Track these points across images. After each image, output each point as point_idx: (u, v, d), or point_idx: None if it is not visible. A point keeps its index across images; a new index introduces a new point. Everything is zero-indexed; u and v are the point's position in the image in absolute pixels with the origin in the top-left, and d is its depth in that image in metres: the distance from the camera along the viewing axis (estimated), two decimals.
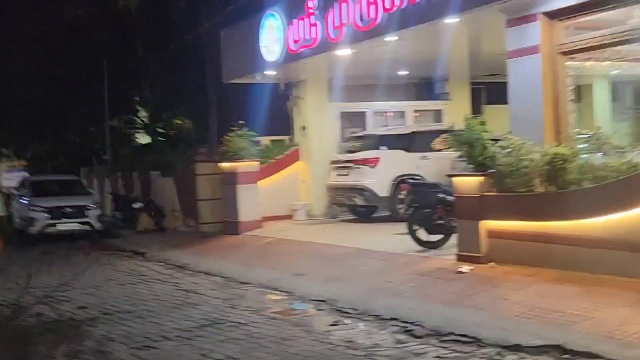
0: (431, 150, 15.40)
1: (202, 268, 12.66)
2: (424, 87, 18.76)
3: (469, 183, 9.55)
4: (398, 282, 9.43)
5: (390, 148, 15.15)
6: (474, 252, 9.43)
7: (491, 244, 9.33)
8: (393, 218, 15.10)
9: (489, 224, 9.33)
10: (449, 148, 15.52)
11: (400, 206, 14.85)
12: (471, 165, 9.59)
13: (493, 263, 9.20)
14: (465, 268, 9.22)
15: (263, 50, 15.08)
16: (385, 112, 17.77)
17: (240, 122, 16.30)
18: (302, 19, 13.54)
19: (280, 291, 10.07)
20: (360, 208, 16.04)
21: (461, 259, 9.64)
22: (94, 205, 20.44)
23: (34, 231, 19.67)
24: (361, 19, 11.95)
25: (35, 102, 28.70)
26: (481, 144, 9.41)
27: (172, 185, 20.88)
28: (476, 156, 9.42)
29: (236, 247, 14.70)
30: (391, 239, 12.65)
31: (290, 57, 14.33)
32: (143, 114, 33.21)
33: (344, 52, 13.36)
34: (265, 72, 15.83)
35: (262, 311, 8.96)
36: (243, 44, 16.29)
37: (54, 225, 19.68)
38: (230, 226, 16.20)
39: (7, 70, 27.16)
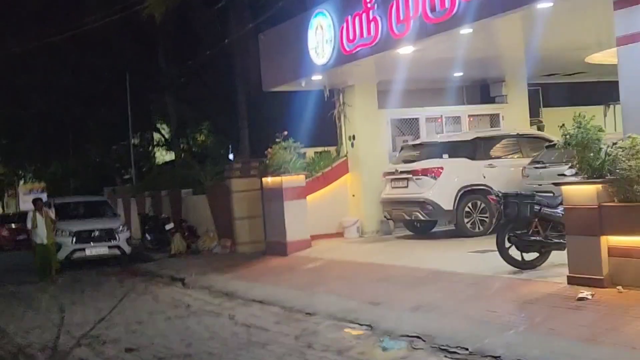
0: (497, 157, 13.96)
1: (254, 296, 11.22)
2: (479, 89, 17.33)
3: (583, 192, 8.07)
4: (504, 312, 7.94)
5: (452, 156, 13.70)
6: (592, 273, 7.95)
7: (614, 264, 7.84)
8: (456, 233, 13.66)
9: (611, 240, 7.85)
10: (514, 154, 14.37)
11: (467, 220, 13.43)
12: (584, 171, 8.10)
13: (620, 287, 7.70)
14: (586, 293, 7.71)
15: (312, 53, 13.68)
16: (439, 117, 16.31)
17: (284, 132, 14.91)
18: (359, 15, 12.12)
19: (358, 324, 8.60)
20: (419, 223, 14.59)
21: (574, 281, 8.16)
22: (123, 228, 19.12)
23: (60, 257, 18.30)
24: (433, 10, 10.52)
25: (54, 116, 27.52)
26: (597, 146, 7.94)
27: (205, 203, 19.51)
28: (591, 160, 7.95)
29: (287, 271, 13.26)
30: (468, 257, 11.22)
31: (344, 58, 12.91)
32: (164, 129, 31.97)
33: (406, 50, 11.92)
34: (312, 78, 14.43)
35: (347, 352, 7.50)
36: (286, 48, 14.92)
37: (82, 250, 18.35)
38: (276, 247, 14.79)
39: (25, 82, 25.99)
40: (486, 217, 13.32)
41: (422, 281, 10.16)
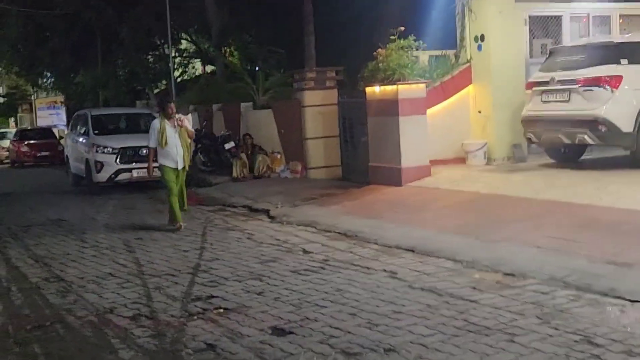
0: None
1: (395, 240, 8.21)
2: None
3: None
4: None
5: (633, 62, 10.42)
6: None
7: None
8: (629, 163, 10.56)
9: None
10: None
11: None
12: None
13: None
14: None
15: None
16: (585, 17, 12.93)
17: (400, 28, 11.61)
18: None
19: (602, 294, 5.58)
20: (566, 149, 11.47)
21: None
22: None
23: (101, 179, 15.37)
24: None
25: (82, 19, 24.04)
26: None
27: (271, 119, 16.39)
28: None
29: (414, 206, 10.21)
30: None
31: None
32: (203, 37, 28.46)
33: None
34: None
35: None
36: None
37: (127, 170, 15.32)
38: (383, 174, 11.72)
39: None
40: None
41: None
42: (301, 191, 12.98)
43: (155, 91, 27.83)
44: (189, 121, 10.69)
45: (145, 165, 15.13)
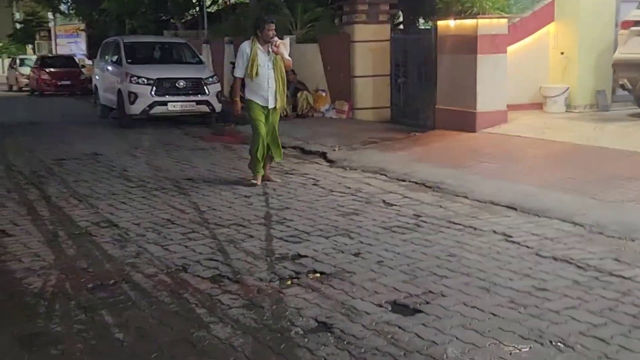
0: None
1: (482, 194, 7.22)
2: None
3: None
4: None
5: None
6: None
7: None
8: None
9: None
10: None
11: None
12: None
13: None
14: None
15: None
16: None
17: None
18: None
19: None
20: None
21: None
22: (212, 79, 14.90)
23: (135, 111, 14.28)
24: None
25: None
26: None
27: (316, 54, 15.19)
28: None
29: (501, 155, 9.15)
30: None
31: None
32: None
33: None
34: None
35: None
36: None
37: (163, 103, 14.22)
38: (453, 118, 10.63)
39: None
40: None
41: None
42: (355, 133, 11.92)
43: (183, 20, 26.49)
44: (286, 47, 7.95)
45: (182, 98, 14.25)
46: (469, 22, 10.23)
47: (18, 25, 46.26)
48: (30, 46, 45.94)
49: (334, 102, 14.90)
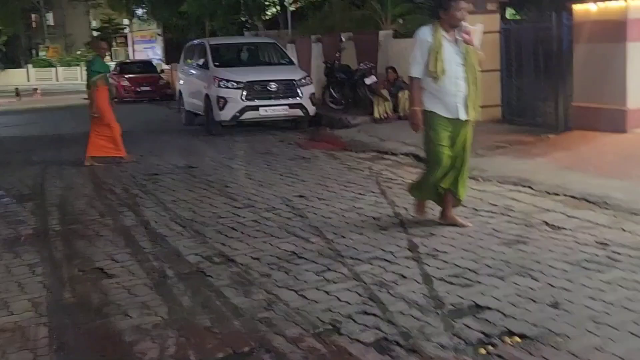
0: None
1: None
2: None
3: None
4: None
5: None
6: None
7: None
8: None
9: None
10: None
11: None
12: None
13: None
14: None
15: None
16: None
17: None
18: None
19: None
20: None
21: None
22: (306, 80, 13.80)
23: (224, 117, 13.31)
24: None
25: None
26: None
27: None
28: None
29: None
30: None
31: None
32: None
33: None
34: None
35: None
36: None
37: (254, 108, 13.20)
38: (600, 117, 9.14)
39: None
40: None
41: None
42: (473, 136, 10.53)
43: (264, 18, 25.58)
44: (478, 36, 5.70)
45: (274, 102, 13.20)
46: (615, 5, 8.78)
47: (95, 33, 46.54)
48: (107, 53, 46.12)
49: None
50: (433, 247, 5.43)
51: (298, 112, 13.48)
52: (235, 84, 13.21)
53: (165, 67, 32.52)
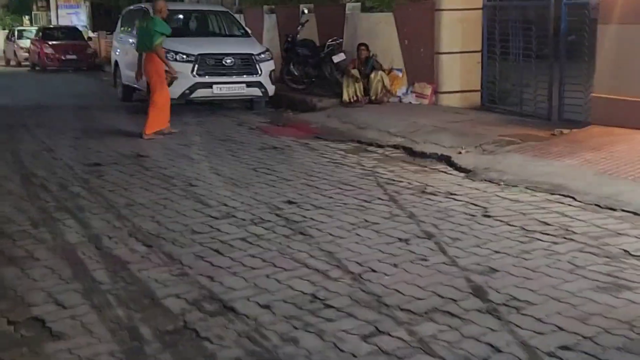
0: None
1: None
2: None
3: None
4: None
5: None
6: None
7: None
8: None
9: None
10: None
11: None
12: None
13: None
14: None
15: None
16: None
17: None
18: None
19: None
20: None
21: None
22: (265, 55, 12.14)
23: (173, 95, 11.38)
24: None
25: None
26: None
27: (390, 25, 12.45)
28: None
29: None
30: None
31: None
32: None
33: None
34: None
35: None
36: None
37: (207, 85, 11.48)
38: (628, 110, 7.88)
39: None
40: None
41: None
42: (468, 128, 9.25)
43: None
44: None
45: (230, 79, 11.51)
46: None
47: None
48: (27, 17, 42.85)
49: (413, 84, 12.20)
50: (507, 293, 3.99)
51: (256, 91, 11.86)
52: (184, 56, 11.48)
53: (92, 34, 30.09)
